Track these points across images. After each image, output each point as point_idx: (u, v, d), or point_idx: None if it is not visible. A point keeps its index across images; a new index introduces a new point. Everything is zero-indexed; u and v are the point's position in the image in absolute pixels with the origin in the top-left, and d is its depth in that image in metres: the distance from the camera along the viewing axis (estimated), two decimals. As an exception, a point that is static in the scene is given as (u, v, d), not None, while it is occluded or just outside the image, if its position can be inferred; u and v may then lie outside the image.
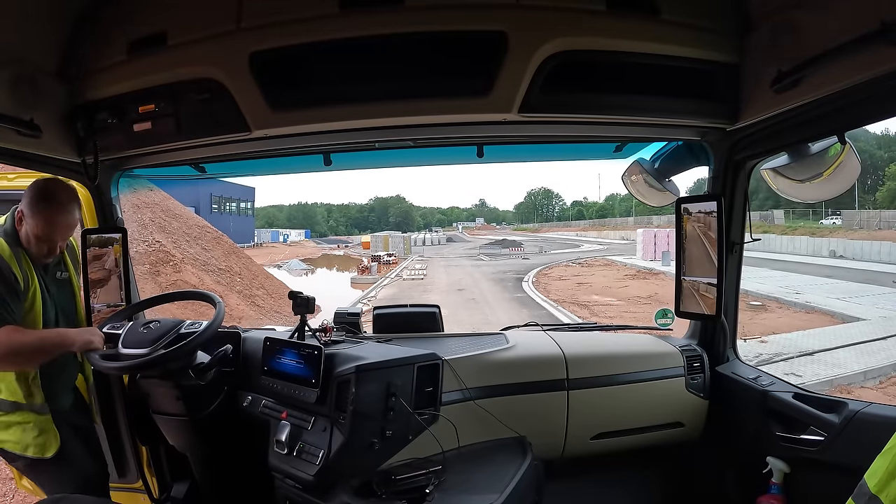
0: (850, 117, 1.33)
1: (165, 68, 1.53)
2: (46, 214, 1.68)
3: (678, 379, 1.98)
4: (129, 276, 2.11)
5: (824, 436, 1.56)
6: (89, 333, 1.71)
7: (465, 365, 1.81)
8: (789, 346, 9.16)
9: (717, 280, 1.77)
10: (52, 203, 1.68)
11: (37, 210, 1.67)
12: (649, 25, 1.43)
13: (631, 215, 68.55)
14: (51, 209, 1.68)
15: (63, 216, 1.70)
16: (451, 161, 2.22)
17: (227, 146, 1.73)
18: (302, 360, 1.68)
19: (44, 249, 1.71)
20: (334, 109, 1.49)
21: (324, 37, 1.42)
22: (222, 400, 1.80)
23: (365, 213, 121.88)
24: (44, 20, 1.49)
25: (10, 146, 1.55)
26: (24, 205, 1.69)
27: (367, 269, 24.22)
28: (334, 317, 2.04)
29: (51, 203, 1.68)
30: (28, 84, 1.49)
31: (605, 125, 1.65)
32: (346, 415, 1.53)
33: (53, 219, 1.69)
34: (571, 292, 17.62)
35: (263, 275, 16.81)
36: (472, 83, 1.44)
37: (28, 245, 1.70)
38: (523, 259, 32.37)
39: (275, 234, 54.68)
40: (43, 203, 1.67)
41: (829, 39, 1.16)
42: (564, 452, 1.93)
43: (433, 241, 53.57)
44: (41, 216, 1.67)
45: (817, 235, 30.18)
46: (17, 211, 1.69)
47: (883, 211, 35.20)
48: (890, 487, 0.79)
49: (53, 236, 1.71)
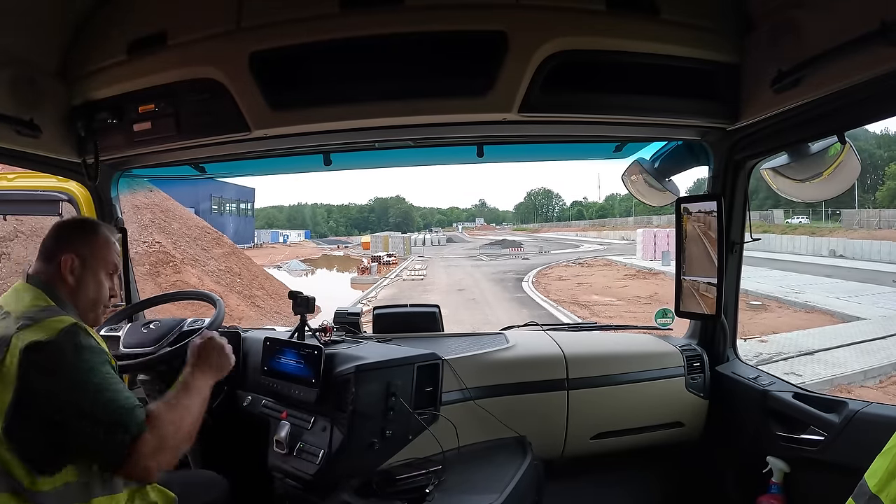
0: (850, 117, 1.33)
1: (165, 68, 1.52)
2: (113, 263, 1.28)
3: (678, 379, 1.98)
4: (130, 277, 2.11)
5: (824, 435, 1.56)
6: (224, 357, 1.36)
7: (465, 365, 1.81)
8: (789, 346, 9.17)
9: (717, 280, 1.77)
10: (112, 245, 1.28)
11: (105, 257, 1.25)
12: (649, 25, 1.43)
13: (631, 215, 68.59)
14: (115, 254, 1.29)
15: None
16: (450, 161, 2.22)
17: (227, 146, 1.73)
18: (302, 360, 1.68)
19: (90, 320, 1.24)
20: (334, 109, 1.49)
21: (324, 37, 1.41)
22: (222, 400, 1.80)
23: (365, 214, 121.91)
24: (44, 20, 1.49)
25: (10, 146, 1.55)
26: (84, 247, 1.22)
27: (367, 270, 24.23)
28: (334, 317, 2.04)
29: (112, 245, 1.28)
30: (28, 84, 1.49)
31: (605, 125, 1.65)
32: (346, 415, 1.53)
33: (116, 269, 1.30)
34: (571, 292, 17.63)
35: (263, 275, 16.82)
36: (472, 83, 1.44)
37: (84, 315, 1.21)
38: (523, 259, 32.38)
39: (275, 235, 54.69)
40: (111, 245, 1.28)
41: (829, 39, 1.16)
42: (564, 452, 1.93)
43: (433, 242, 53.58)
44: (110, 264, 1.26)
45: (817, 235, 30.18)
46: (65, 259, 1.18)
47: (883, 210, 35.24)
48: (890, 487, 0.78)
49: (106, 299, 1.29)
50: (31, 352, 1.01)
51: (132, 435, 1.04)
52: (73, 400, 1.03)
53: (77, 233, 1.24)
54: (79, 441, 1.04)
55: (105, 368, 1.08)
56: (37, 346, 1.01)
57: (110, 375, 1.08)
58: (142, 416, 1.07)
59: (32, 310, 1.10)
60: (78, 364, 1.04)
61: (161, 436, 1.08)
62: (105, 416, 1.03)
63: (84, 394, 1.03)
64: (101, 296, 1.25)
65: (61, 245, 1.21)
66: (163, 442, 1.08)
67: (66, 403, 1.02)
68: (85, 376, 1.04)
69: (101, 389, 1.05)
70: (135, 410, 1.07)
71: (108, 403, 1.04)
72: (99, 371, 1.06)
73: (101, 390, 1.05)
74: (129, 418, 1.05)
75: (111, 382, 1.07)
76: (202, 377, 1.28)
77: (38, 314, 1.09)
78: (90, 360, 1.06)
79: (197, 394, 1.24)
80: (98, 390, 1.04)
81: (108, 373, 1.09)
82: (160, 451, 1.08)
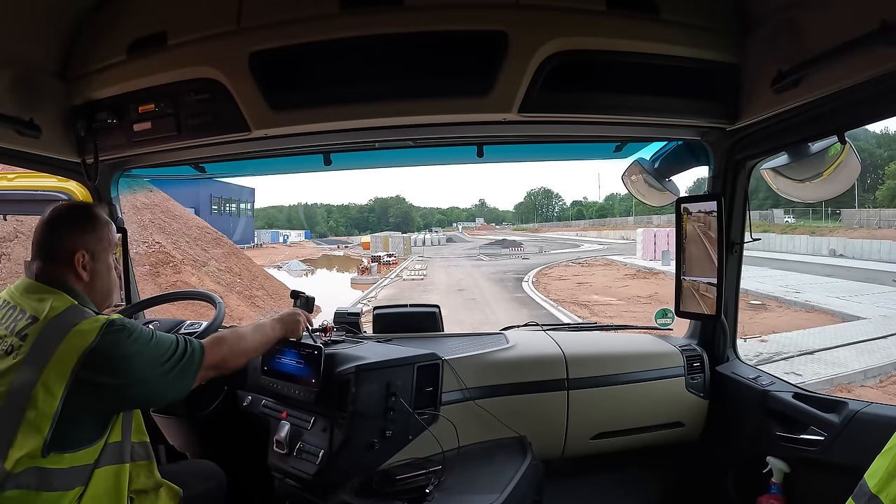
0: (850, 117, 1.33)
1: (165, 68, 1.52)
2: (114, 241, 1.31)
3: (678, 379, 1.97)
4: (130, 276, 2.11)
5: (824, 436, 1.56)
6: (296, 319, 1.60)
7: (465, 365, 1.81)
8: (789, 346, 9.18)
9: (717, 280, 1.77)
10: (108, 223, 1.30)
11: (107, 240, 1.27)
12: (649, 25, 1.43)
13: (631, 215, 68.59)
14: (113, 231, 1.31)
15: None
16: (451, 161, 2.22)
17: (227, 146, 1.73)
18: (302, 360, 1.68)
19: (106, 305, 1.32)
20: (334, 109, 1.49)
21: (324, 37, 1.41)
22: (222, 400, 1.80)
23: (365, 214, 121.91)
24: (44, 20, 1.49)
25: (10, 146, 1.55)
26: (91, 239, 1.23)
27: (367, 270, 24.24)
28: (334, 317, 2.04)
29: (108, 224, 1.30)
30: (28, 84, 1.49)
31: (605, 125, 1.65)
32: (346, 414, 1.53)
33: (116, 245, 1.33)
34: (571, 292, 17.64)
35: (263, 275, 16.82)
36: (472, 83, 1.44)
37: (100, 305, 1.26)
38: (523, 259, 32.39)
39: (275, 235, 54.69)
40: (108, 224, 1.29)
41: (829, 39, 1.16)
42: (564, 452, 1.93)
43: (433, 242, 53.59)
44: (113, 244, 1.30)
45: (817, 234, 30.19)
46: (77, 257, 1.19)
47: (882, 210, 35.23)
48: (890, 487, 0.78)
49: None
50: (89, 357, 1.07)
51: (194, 371, 1.23)
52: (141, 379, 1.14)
53: (79, 227, 1.23)
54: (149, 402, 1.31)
55: (147, 337, 1.17)
56: (91, 351, 1.07)
57: (155, 343, 1.18)
58: (198, 350, 1.24)
59: (64, 313, 1.12)
60: (131, 348, 1.13)
61: (221, 355, 1.31)
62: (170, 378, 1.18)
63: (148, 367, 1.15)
64: (113, 280, 1.31)
65: (68, 241, 1.20)
66: (222, 360, 1.31)
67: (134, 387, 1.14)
68: (144, 354, 1.15)
69: (158, 362, 1.17)
70: (189, 354, 1.22)
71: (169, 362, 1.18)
72: (146, 348, 1.16)
73: (159, 363, 1.17)
74: (188, 366, 1.21)
75: (161, 348, 1.19)
76: (276, 326, 1.53)
77: (72, 316, 1.11)
78: (135, 344, 1.14)
79: (263, 334, 1.48)
80: (158, 356, 1.17)
81: (153, 341, 1.18)
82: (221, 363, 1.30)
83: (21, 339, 1.08)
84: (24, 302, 1.14)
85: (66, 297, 1.15)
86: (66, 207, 1.29)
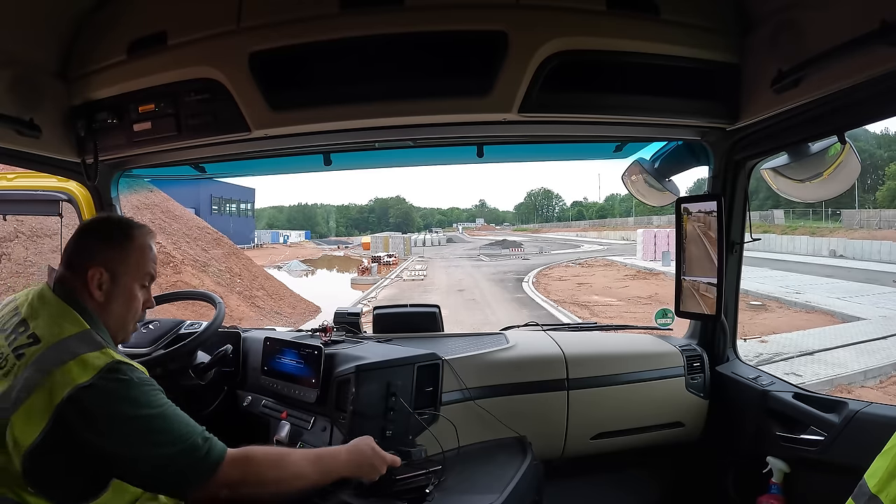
0: (850, 117, 1.33)
1: (165, 68, 1.52)
2: (149, 273, 1.18)
3: (678, 379, 1.97)
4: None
5: (824, 436, 1.56)
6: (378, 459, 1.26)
7: (465, 365, 1.81)
8: (789, 346, 9.17)
9: (717, 280, 1.77)
10: (148, 252, 1.18)
11: (138, 266, 1.15)
12: (649, 25, 1.43)
13: (631, 215, 68.60)
14: (151, 261, 1.18)
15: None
16: (451, 161, 2.22)
17: (227, 146, 1.73)
18: (302, 360, 1.68)
19: (119, 339, 1.16)
20: (334, 109, 1.49)
21: (324, 37, 1.41)
22: (222, 400, 1.80)
23: (365, 214, 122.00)
24: (44, 20, 1.49)
25: (10, 146, 1.54)
26: (115, 259, 1.11)
27: (368, 270, 24.24)
28: (334, 317, 2.04)
29: (148, 252, 1.18)
30: (28, 84, 1.48)
31: (605, 125, 1.65)
32: (346, 414, 1.53)
33: (153, 277, 1.20)
34: (571, 293, 17.64)
35: (263, 276, 16.82)
36: (472, 83, 1.44)
37: (114, 334, 1.12)
38: (523, 259, 32.40)
39: (275, 235, 54.76)
40: (146, 252, 1.17)
41: (829, 39, 1.16)
42: (564, 452, 1.93)
43: (433, 242, 53.65)
44: (145, 275, 1.17)
45: (817, 235, 30.19)
46: (92, 273, 1.08)
47: (883, 210, 35.23)
48: (890, 487, 0.78)
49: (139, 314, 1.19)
50: (76, 396, 0.92)
51: (197, 479, 0.99)
52: (126, 450, 0.95)
53: (107, 242, 1.12)
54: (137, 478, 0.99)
55: (156, 400, 1.00)
56: (81, 391, 0.93)
57: (162, 416, 0.99)
58: (214, 457, 1.01)
59: (70, 339, 0.99)
60: (125, 409, 0.95)
61: (241, 477, 1.03)
62: (161, 470, 0.97)
63: (138, 442, 0.95)
64: (132, 311, 1.15)
65: (88, 255, 1.10)
66: (241, 482, 1.03)
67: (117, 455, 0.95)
68: (137, 422, 0.96)
69: (157, 431, 0.97)
70: (202, 455, 0.99)
71: (168, 448, 0.97)
72: (144, 417, 0.97)
73: (156, 442, 0.97)
74: (192, 468, 0.98)
75: (167, 425, 0.99)
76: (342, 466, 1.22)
77: (77, 345, 0.98)
78: (142, 399, 0.98)
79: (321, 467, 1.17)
80: (154, 431, 0.97)
81: (162, 405, 1.00)
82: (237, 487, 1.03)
83: (17, 358, 0.97)
84: (33, 315, 1.03)
85: (79, 320, 1.03)
86: (103, 217, 1.21)
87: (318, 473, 1.16)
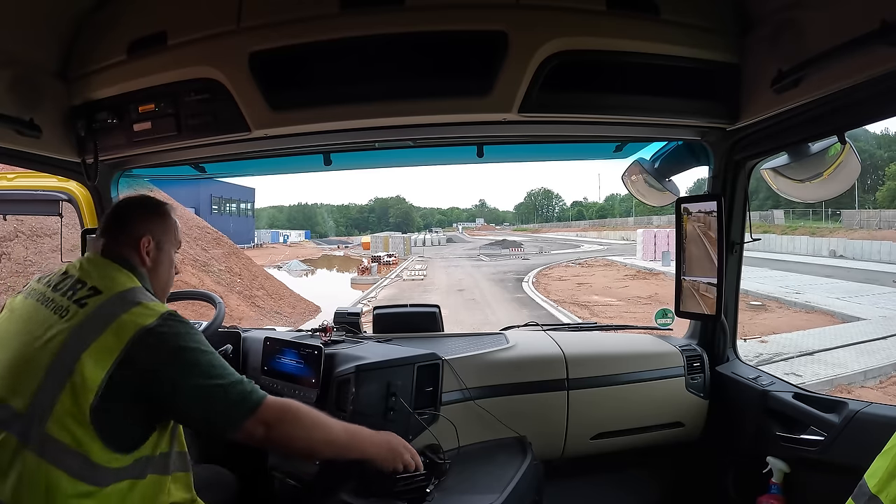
0: (850, 117, 1.33)
1: (165, 68, 1.52)
2: (179, 241, 1.33)
3: (678, 379, 1.97)
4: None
5: (824, 436, 1.56)
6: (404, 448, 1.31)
7: (465, 365, 1.81)
8: (789, 346, 9.17)
9: (717, 280, 1.77)
10: (177, 224, 1.34)
11: (174, 236, 1.30)
12: (649, 25, 1.43)
13: (631, 215, 68.60)
14: (180, 232, 1.34)
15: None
16: (451, 161, 2.22)
17: (227, 146, 1.73)
18: (302, 360, 1.68)
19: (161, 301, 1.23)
20: (334, 109, 1.49)
21: (324, 37, 1.41)
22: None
23: (365, 214, 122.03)
24: (44, 20, 1.49)
25: (10, 146, 1.55)
26: (158, 229, 1.26)
27: (367, 270, 24.24)
28: (334, 317, 2.04)
29: (177, 225, 1.34)
30: (28, 84, 1.49)
31: (605, 125, 1.65)
32: (346, 414, 1.53)
33: (180, 244, 1.35)
34: (571, 292, 17.63)
35: (263, 275, 16.82)
36: (472, 83, 1.44)
37: (160, 297, 1.24)
38: (523, 259, 32.40)
39: (275, 235, 54.75)
40: (177, 225, 1.33)
41: (829, 39, 1.16)
42: (564, 452, 1.93)
43: (433, 242, 53.67)
44: (178, 243, 1.32)
45: (817, 235, 30.20)
46: (144, 240, 1.22)
47: (883, 210, 35.23)
48: (890, 487, 0.78)
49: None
50: (144, 335, 1.03)
51: (244, 413, 1.07)
52: (186, 379, 1.05)
53: (150, 214, 1.27)
54: (188, 416, 1.08)
55: (209, 345, 1.11)
56: (148, 331, 1.03)
57: (212, 355, 1.10)
58: (257, 395, 1.10)
59: (130, 290, 1.10)
60: (187, 344, 1.07)
61: (279, 416, 1.11)
62: (217, 400, 1.07)
63: (197, 372, 1.06)
64: (171, 275, 1.30)
65: (138, 225, 1.23)
66: (279, 422, 1.10)
67: (178, 383, 1.04)
68: (196, 355, 1.07)
69: (213, 366, 1.08)
70: (247, 392, 1.09)
71: (222, 380, 1.07)
72: (202, 352, 1.09)
73: (213, 367, 1.08)
74: (239, 401, 1.08)
75: (217, 362, 1.10)
76: (371, 444, 1.26)
77: (137, 295, 1.10)
78: (199, 340, 1.10)
79: (352, 443, 1.22)
80: (211, 366, 1.08)
81: (211, 352, 1.11)
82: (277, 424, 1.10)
83: (79, 307, 1.05)
84: (89, 274, 1.12)
85: (133, 278, 1.15)
86: (140, 196, 1.32)
87: (347, 443, 1.22)
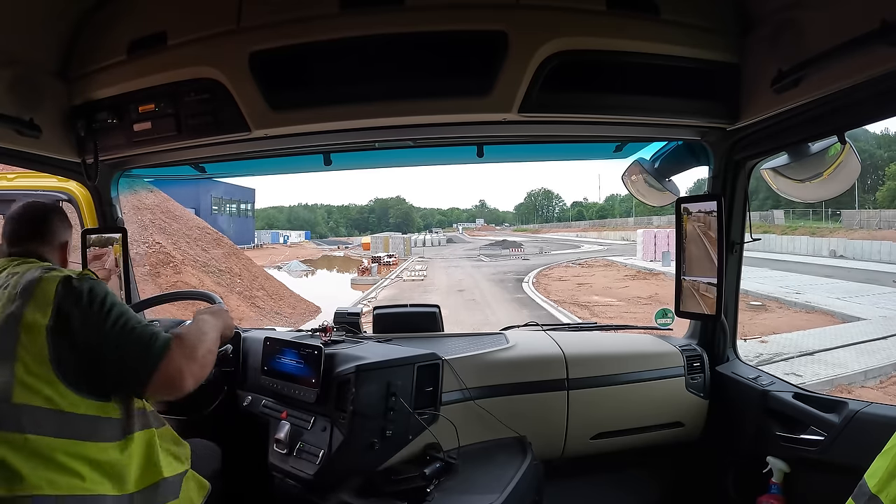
0: (850, 117, 1.33)
1: (165, 68, 1.52)
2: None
3: (678, 379, 1.97)
4: (130, 276, 2.11)
5: (824, 436, 1.56)
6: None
7: (465, 365, 1.81)
8: (789, 346, 9.17)
9: (717, 280, 1.76)
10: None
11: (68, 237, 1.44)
12: (649, 25, 1.43)
13: (631, 216, 68.61)
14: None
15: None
16: (451, 161, 2.22)
17: (227, 146, 1.73)
18: (302, 360, 1.68)
19: None
20: (334, 109, 1.49)
21: (324, 37, 1.42)
22: (222, 400, 1.80)
23: (365, 215, 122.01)
24: (44, 20, 1.49)
25: (10, 146, 1.55)
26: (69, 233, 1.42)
27: (368, 271, 24.24)
28: (334, 317, 2.04)
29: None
30: (28, 84, 1.49)
31: (605, 125, 1.65)
32: (346, 414, 1.53)
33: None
34: (571, 293, 17.63)
35: (264, 276, 16.82)
36: (472, 83, 1.44)
37: None
38: (523, 260, 32.40)
39: (275, 236, 54.72)
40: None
41: (829, 39, 1.16)
42: (564, 452, 1.93)
43: (433, 242, 53.66)
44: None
45: (817, 235, 30.21)
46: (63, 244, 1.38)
47: (883, 210, 35.22)
48: (890, 487, 0.78)
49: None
50: (65, 285, 1.12)
51: (159, 351, 1.14)
52: (104, 326, 1.12)
53: (61, 220, 1.37)
54: (110, 366, 1.13)
55: (124, 305, 1.19)
56: (68, 281, 1.12)
57: (123, 305, 1.19)
58: (165, 335, 1.17)
59: (45, 265, 1.19)
60: (104, 299, 1.15)
61: (188, 346, 1.20)
62: (132, 339, 1.14)
63: (112, 322, 1.13)
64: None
65: (60, 230, 1.34)
66: (191, 352, 1.19)
67: (98, 329, 1.12)
68: (111, 308, 1.15)
69: (126, 318, 1.15)
70: (157, 332, 1.17)
71: (133, 329, 1.15)
72: (120, 305, 1.18)
73: (127, 319, 1.15)
74: (154, 338, 1.15)
75: (132, 314, 1.18)
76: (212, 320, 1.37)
77: (52, 267, 1.20)
78: (112, 297, 1.18)
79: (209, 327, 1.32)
80: (124, 318, 1.15)
81: (122, 303, 1.20)
82: (188, 360, 1.18)
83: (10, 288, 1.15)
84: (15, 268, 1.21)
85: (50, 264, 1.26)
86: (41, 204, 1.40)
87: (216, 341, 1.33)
